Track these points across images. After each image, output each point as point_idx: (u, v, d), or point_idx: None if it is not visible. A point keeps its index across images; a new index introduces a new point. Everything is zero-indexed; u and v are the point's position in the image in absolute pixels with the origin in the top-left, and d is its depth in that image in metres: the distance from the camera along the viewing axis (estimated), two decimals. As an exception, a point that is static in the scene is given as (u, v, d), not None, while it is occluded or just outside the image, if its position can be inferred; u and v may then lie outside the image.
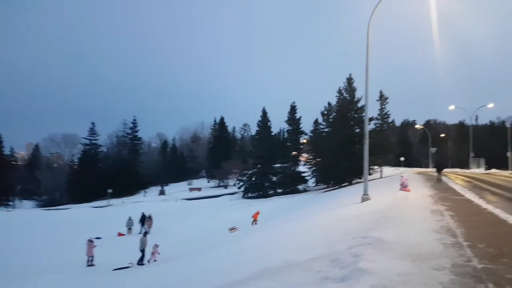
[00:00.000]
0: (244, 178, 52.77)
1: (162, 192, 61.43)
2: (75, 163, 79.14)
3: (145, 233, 19.70)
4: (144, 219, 29.24)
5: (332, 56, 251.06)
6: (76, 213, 43.15)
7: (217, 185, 68.20)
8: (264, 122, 54.58)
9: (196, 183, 73.14)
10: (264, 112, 54.66)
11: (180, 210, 40.98)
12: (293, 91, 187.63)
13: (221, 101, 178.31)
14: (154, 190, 66.60)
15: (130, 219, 29.07)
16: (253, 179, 51.27)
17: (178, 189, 65.65)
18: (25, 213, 48.10)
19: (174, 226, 29.88)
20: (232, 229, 22.91)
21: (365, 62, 16.19)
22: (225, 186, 64.64)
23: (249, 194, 49.68)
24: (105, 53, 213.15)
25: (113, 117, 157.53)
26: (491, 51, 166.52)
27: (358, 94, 41.98)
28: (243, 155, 65.99)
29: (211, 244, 17.45)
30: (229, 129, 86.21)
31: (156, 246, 18.23)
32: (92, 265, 18.30)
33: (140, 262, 17.72)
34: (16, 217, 41.82)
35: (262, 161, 50.96)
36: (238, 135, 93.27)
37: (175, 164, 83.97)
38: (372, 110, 41.52)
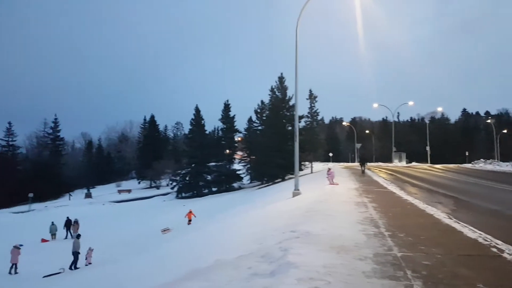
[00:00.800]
0: (178, 178, 51.54)
1: (88, 195, 57.40)
2: (-9, 166, 70.66)
3: (78, 236, 18.43)
4: (70, 224, 27.39)
5: (265, 54, 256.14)
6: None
7: (148, 186, 65.64)
8: (197, 120, 53.69)
9: (125, 184, 69.62)
10: (197, 110, 53.78)
11: (108, 213, 38.83)
12: (228, 89, 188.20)
13: (151, 99, 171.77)
14: (79, 193, 62.19)
15: (53, 224, 27.20)
16: (187, 178, 50.29)
17: (106, 192, 61.91)
18: None
19: (103, 230, 28.13)
20: (165, 230, 22.21)
21: (294, 62, 16.63)
22: (158, 187, 62.48)
23: (183, 194, 48.63)
24: (22, 48, 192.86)
25: (32, 117, 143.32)
26: (410, 53, 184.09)
27: (289, 93, 43.36)
28: (176, 154, 64.36)
29: (143, 247, 16.72)
30: (161, 128, 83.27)
31: (91, 250, 17.60)
32: (16, 273, 17.02)
33: (73, 266, 16.83)
34: None
35: (196, 160, 50.15)
36: (170, 134, 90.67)
37: (101, 165, 79.21)
38: (302, 108, 43.10)
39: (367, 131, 77.83)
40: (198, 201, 40.14)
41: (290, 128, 41.11)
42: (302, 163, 39.85)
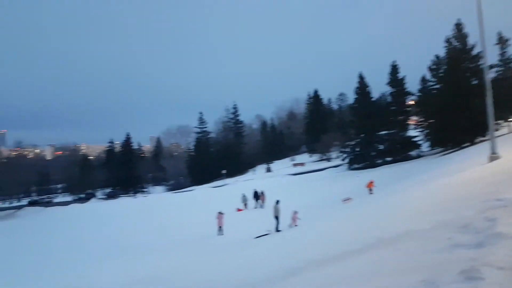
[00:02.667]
0: (347, 149, 51.27)
1: (268, 170, 64.00)
2: (191, 150, 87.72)
3: (277, 202, 19.91)
4: (257, 195, 31.05)
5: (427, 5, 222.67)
6: (198, 194, 48.09)
7: (319, 159, 67.85)
8: (362, 88, 51.48)
9: (298, 158, 74.07)
10: (361, 78, 51.48)
11: (288, 184, 41.94)
12: (392, 50, 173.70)
13: (314, 74, 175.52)
14: (261, 168, 69.85)
15: (244, 195, 31.21)
16: (357, 149, 49.44)
17: (282, 166, 67.38)
18: (158, 196, 55.76)
19: (286, 199, 30.48)
20: (346, 200, 22.43)
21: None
22: (328, 159, 63.87)
23: (355, 165, 48.19)
24: (198, 48, 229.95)
25: (218, 104, 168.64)
26: None
27: (470, 41, 36.80)
28: (343, 126, 64.03)
29: (327, 214, 17.52)
30: (325, 101, 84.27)
31: (295, 212, 18.84)
32: (222, 234, 20.37)
33: (277, 228, 18.57)
34: (152, 200, 48.99)
35: (364, 130, 48.66)
36: (335, 106, 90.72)
37: (275, 142, 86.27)
38: (490, 56, 35.86)
39: None
40: (371, 172, 39.11)
41: (475, 82, 35.00)
42: (497, 122, 33.56)
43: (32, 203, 64.21)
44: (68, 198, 77.84)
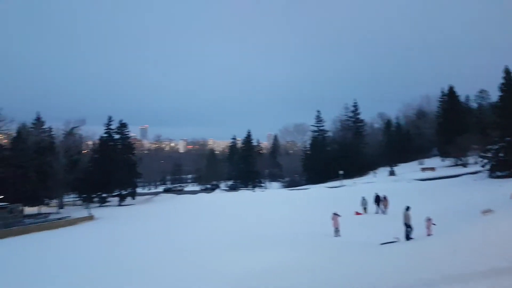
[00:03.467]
0: (489, 154, 44.63)
1: (392, 173, 60.01)
2: (307, 148, 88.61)
3: (408, 208, 18.54)
4: (379, 199, 29.57)
5: None
6: (314, 193, 48.44)
7: (453, 164, 60.53)
8: (508, 84, 44.25)
9: (428, 162, 67.46)
10: (507, 72, 44.25)
11: (414, 190, 38.87)
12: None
13: (447, 69, 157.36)
14: (383, 171, 66.03)
15: (364, 199, 30.11)
16: (501, 154, 42.63)
17: (408, 169, 62.40)
18: (274, 192, 58.25)
19: (413, 206, 28.08)
20: (487, 211, 19.78)
21: None
22: (464, 165, 56.56)
23: (497, 173, 41.66)
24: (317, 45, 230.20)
25: (337, 102, 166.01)
26: None
27: None
28: (483, 127, 55.75)
29: (462, 225, 15.87)
30: (462, 98, 74.57)
31: (429, 219, 17.76)
32: (338, 235, 20.27)
33: (408, 237, 17.56)
34: (269, 195, 51.61)
35: (510, 132, 41.67)
36: (473, 104, 79.69)
37: (401, 143, 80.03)
38: None
39: None
40: (519, 181, 33.41)
41: None
42: None
43: (166, 190, 74.46)
44: (197, 187, 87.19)
